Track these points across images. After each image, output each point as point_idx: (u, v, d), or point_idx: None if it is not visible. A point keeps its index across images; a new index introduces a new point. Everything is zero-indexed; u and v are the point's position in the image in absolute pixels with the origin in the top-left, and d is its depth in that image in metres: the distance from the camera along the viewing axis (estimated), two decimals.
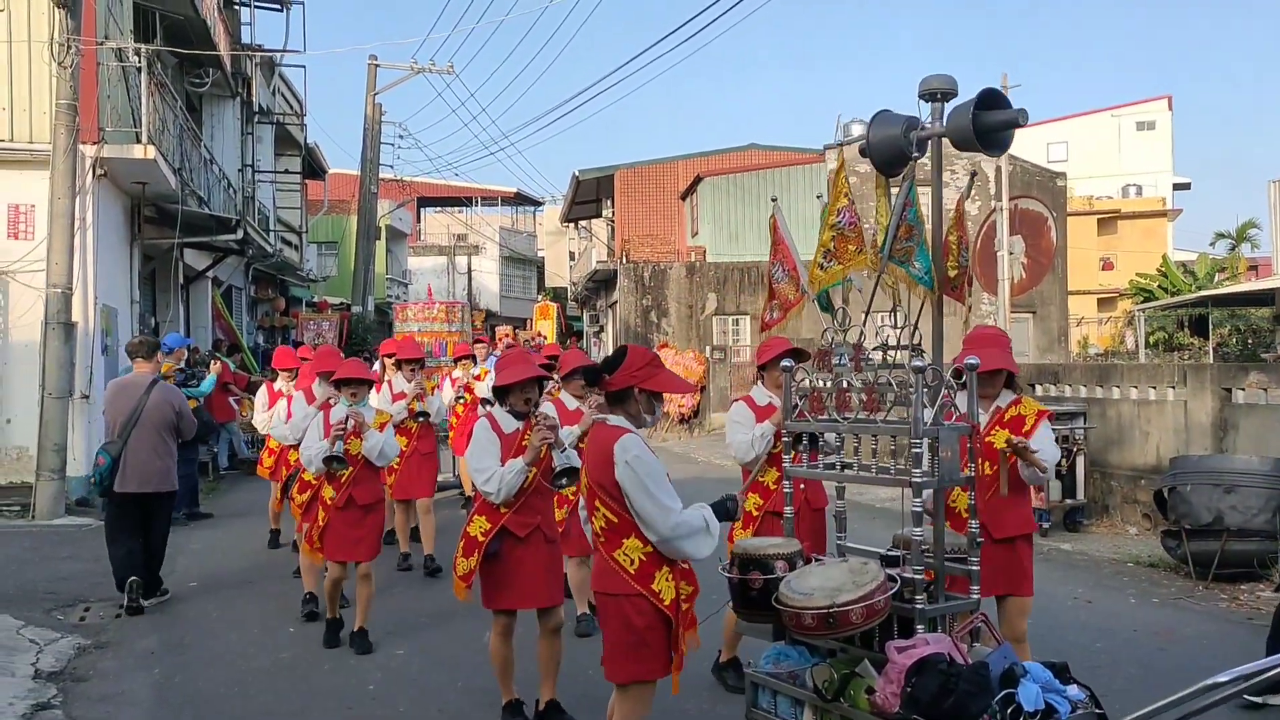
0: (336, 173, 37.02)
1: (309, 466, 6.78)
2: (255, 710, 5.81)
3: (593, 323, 38.62)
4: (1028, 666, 3.65)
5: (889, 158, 4.37)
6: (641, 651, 3.99)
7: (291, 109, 27.48)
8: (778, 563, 4.18)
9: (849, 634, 3.91)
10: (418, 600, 8.19)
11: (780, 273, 5.13)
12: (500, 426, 5.32)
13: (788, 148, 33.69)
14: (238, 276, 22.53)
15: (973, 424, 4.24)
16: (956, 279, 4.54)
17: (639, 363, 4.08)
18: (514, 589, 5.27)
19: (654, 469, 3.94)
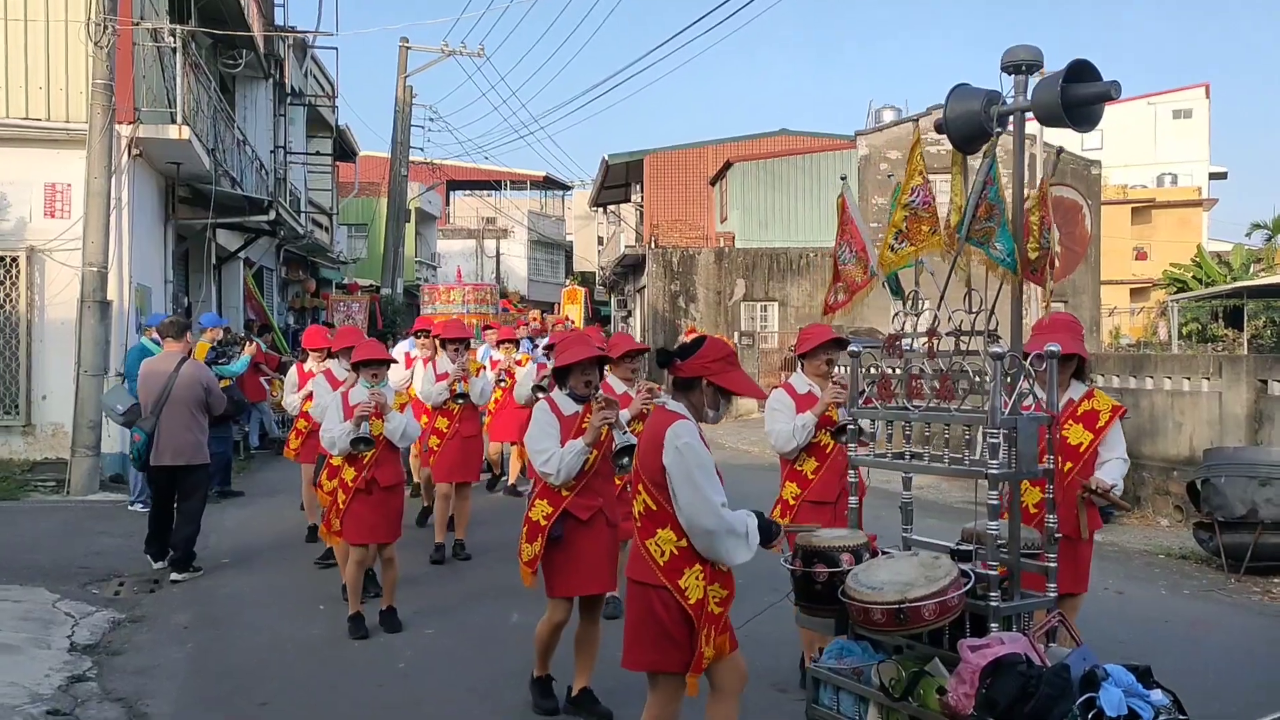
0: (367, 155, 37.16)
1: (331, 448, 6.70)
2: (287, 685, 5.88)
3: (620, 307, 38.63)
4: (1110, 669, 3.52)
5: (967, 134, 4.16)
6: (663, 643, 3.88)
7: (323, 91, 27.58)
8: (843, 555, 4.05)
9: (919, 631, 3.77)
10: (447, 581, 8.24)
11: (847, 254, 4.92)
12: (559, 409, 5.24)
13: (819, 133, 33.48)
14: (269, 258, 22.69)
15: (1052, 414, 4.09)
16: (1038, 261, 4.32)
17: (714, 355, 3.96)
18: (578, 574, 5.16)
19: (704, 459, 3.81)
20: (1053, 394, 4.11)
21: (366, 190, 35.95)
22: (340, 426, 6.58)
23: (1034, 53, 3.99)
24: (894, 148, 28.42)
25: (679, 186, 34.00)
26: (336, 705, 5.57)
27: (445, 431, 8.88)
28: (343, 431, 6.55)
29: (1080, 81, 3.83)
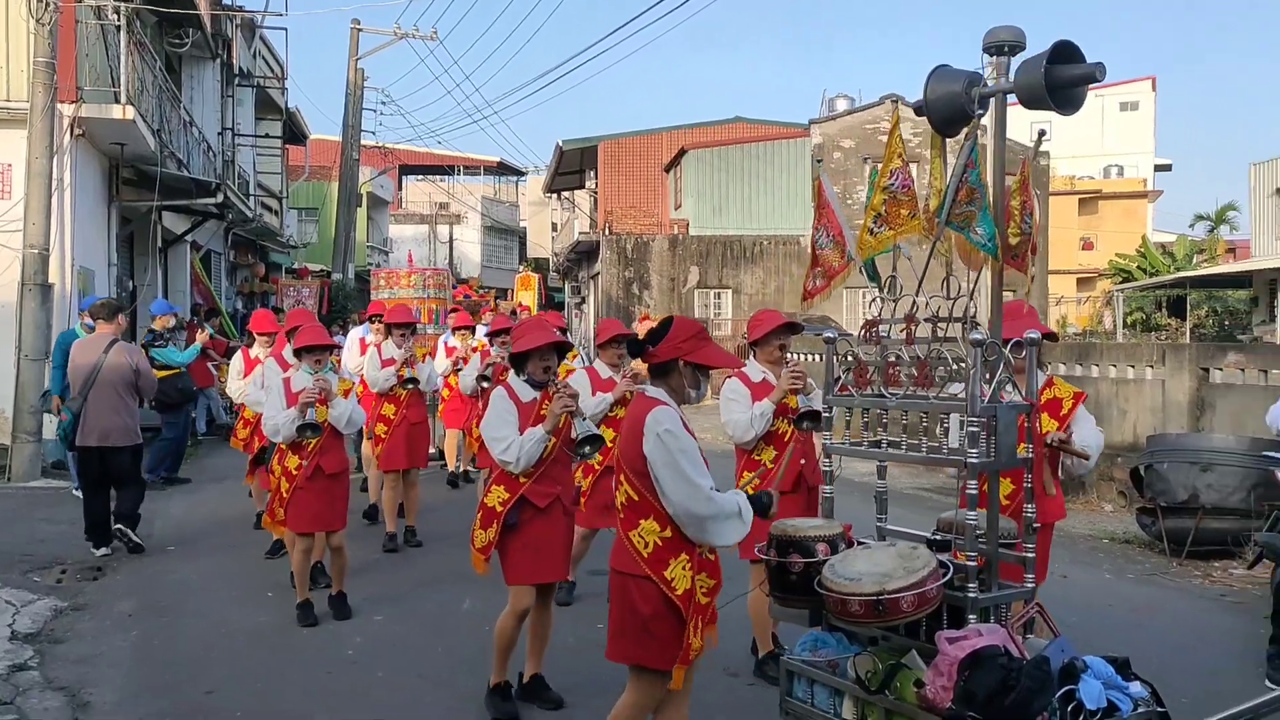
0: (318, 138, 36.66)
1: (274, 436, 6.56)
2: (234, 673, 5.80)
3: (574, 294, 38.54)
4: (1089, 661, 3.47)
5: (948, 115, 4.04)
6: (644, 638, 3.79)
7: (272, 72, 27.15)
8: (819, 545, 3.96)
9: (898, 623, 3.70)
10: (398, 568, 8.18)
11: (825, 238, 4.77)
12: (517, 395, 5.14)
13: (773, 121, 33.58)
14: (217, 241, 22.33)
15: (1031, 401, 4.01)
16: (1019, 247, 4.23)
17: (684, 334, 3.89)
18: (536, 562, 5.11)
19: (687, 444, 3.73)
20: (1031, 381, 4.06)
21: (317, 174, 35.49)
22: (284, 414, 6.44)
23: (1016, 33, 3.91)
24: (847, 136, 28.59)
25: (633, 173, 33.97)
26: (284, 693, 5.51)
27: (393, 418, 8.75)
28: (287, 419, 6.42)
29: (1064, 63, 3.74)
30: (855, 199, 28.54)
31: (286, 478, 6.57)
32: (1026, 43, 3.93)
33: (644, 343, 3.94)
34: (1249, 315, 29.54)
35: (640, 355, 3.96)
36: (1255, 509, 8.34)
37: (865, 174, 28.49)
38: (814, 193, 4.92)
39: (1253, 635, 6.28)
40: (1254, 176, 30.46)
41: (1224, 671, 5.81)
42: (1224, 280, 29.67)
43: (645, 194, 33.53)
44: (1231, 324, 30.19)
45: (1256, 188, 30.35)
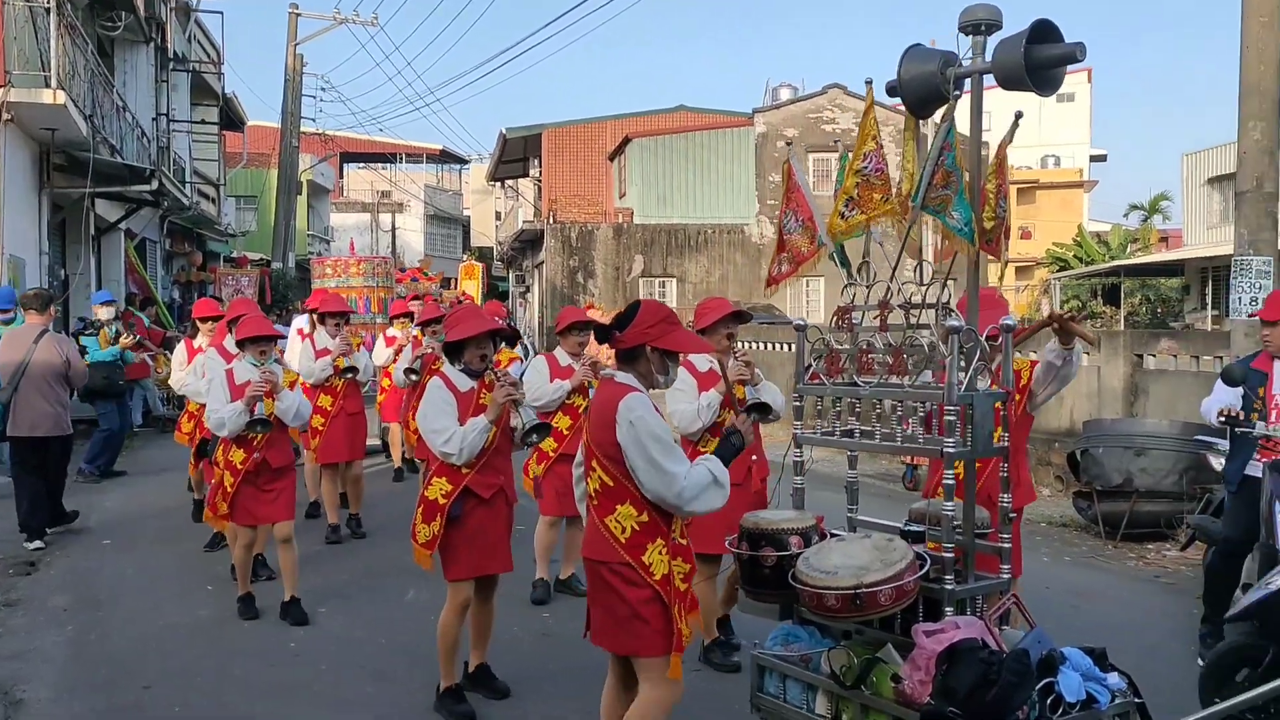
0: (256, 125, 36.05)
1: (219, 430, 6.31)
2: (173, 668, 5.70)
3: (518, 283, 38.39)
4: (1067, 653, 3.44)
5: (922, 96, 3.94)
6: (636, 625, 3.70)
7: (208, 57, 26.62)
8: (792, 538, 3.88)
9: (875, 616, 3.63)
10: (341, 559, 8.08)
11: (793, 223, 4.61)
12: (455, 384, 5.00)
13: (717, 110, 33.66)
14: (152, 229, 21.86)
15: (1007, 389, 3.95)
16: (993, 231, 4.12)
17: (651, 319, 3.80)
18: (479, 555, 5.01)
19: (658, 430, 3.65)
20: (1008, 367, 4.01)
21: (256, 161, 34.90)
22: (229, 408, 6.21)
23: (993, 12, 3.81)
24: (791, 125, 28.74)
25: (578, 161, 33.86)
26: (224, 688, 5.42)
27: (330, 409, 8.56)
28: (233, 413, 6.19)
29: (1043, 43, 3.66)
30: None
31: (230, 471, 6.37)
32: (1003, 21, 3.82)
33: (611, 328, 3.86)
34: (1181, 303, 30.25)
35: (608, 341, 3.87)
36: (1187, 492, 8.55)
37: (808, 164, 28.70)
38: (783, 176, 4.76)
39: (1186, 615, 6.44)
40: (1186, 167, 31.17)
41: (1160, 651, 5.94)
42: (1157, 269, 30.36)
43: (590, 182, 33.45)
44: (1164, 312, 30.89)
45: (1189, 178, 31.07)
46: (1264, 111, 8.58)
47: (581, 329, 6.59)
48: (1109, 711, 3.44)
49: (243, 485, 6.35)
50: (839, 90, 28.78)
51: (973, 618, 3.64)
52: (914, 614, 3.69)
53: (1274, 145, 8.68)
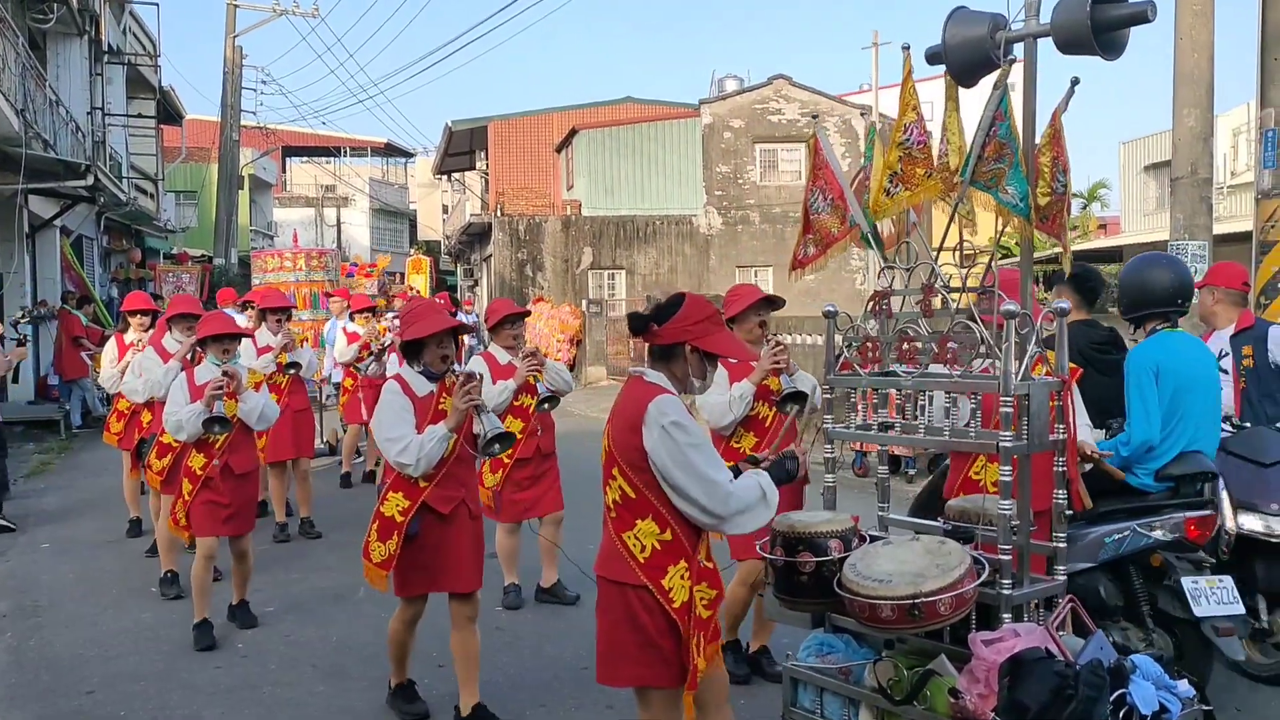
0: (195, 119, 35.35)
1: (177, 433, 5.93)
2: (116, 673, 5.58)
3: (466, 276, 38.11)
4: (1137, 660, 3.24)
5: (969, 63, 3.61)
6: (649, 654, 3.31)
7: (144, 49, 26.03)
8: (831, 541, 3.57)
9: (935, 627, 3.33)
10: (287, 558, 7.97)
11: (821, 202, 4.24)
12: (412, 389, 4.62)
13: (664, 101, 33.63)
14: (89, 226, 21.38)
15: (1064, 379, 3.63)
16: (1050, 207, 3.78)
17: (697, 315, 3.40)
18: (434, 572, 4.66)
19: (697, 437, 3.28)
20: (1062, 356, 3.65)
21: (195, 156, 34.24)
22: (187, 409, 5.85)
23: None
24: (737, 116, 28.80)
25: (525, 154, 33.65)
26: (170, 691, 5.32)
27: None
28: (191, 414, 5.82)
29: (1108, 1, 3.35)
30: (745, 178, 28.84)
31: (190, 479, 5.99)
32: None
33: (648, 319, 3.45)
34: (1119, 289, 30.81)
35: (641, 333, 3.46)
36: None
37: (755, 154, 28.82)
38: (810, 152, 4.40)
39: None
40: (1124, 154, 31.75)
41: None
42: (1096, 255, 30.82)
43: (537, 175, 33.27)
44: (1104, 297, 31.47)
45: (1127, 165, 31.65)
46: (1198, 99, 8.76)
47: (515, 321, 6.35)
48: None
49: (202, 493, 5.96)
50: (784, 81, 28.89)
51: (1032, 625, 3.38)
52: (965, 621, 3.42)
53: (1208, 132, 8.86)
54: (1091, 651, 3.19)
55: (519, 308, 6.52)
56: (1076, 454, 3.71)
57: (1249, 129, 22.71)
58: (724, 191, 28.86)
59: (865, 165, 4.25)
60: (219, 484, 5.98)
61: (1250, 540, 5.22)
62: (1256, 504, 5.21)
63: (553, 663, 5.61)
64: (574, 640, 5.86)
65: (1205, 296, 5.81)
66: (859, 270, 27.47)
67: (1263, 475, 5.26)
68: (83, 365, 14.44)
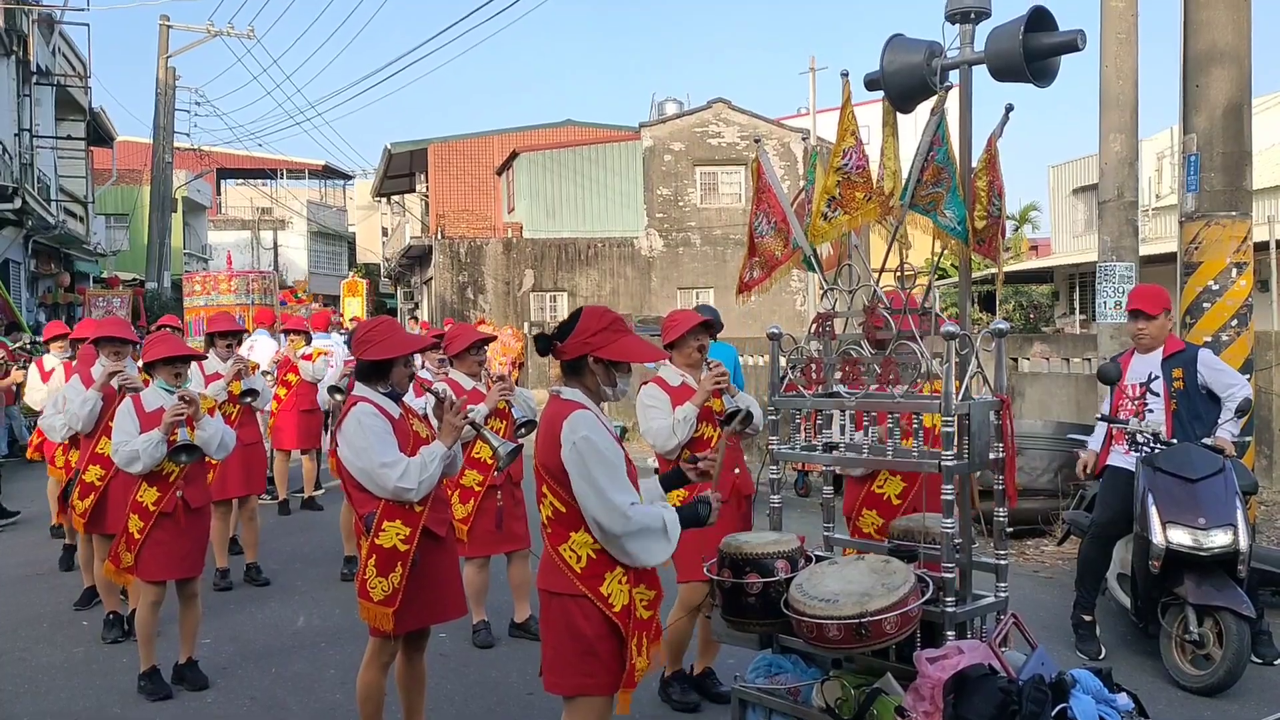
0: (126, 140, 34.78)
1: (130, 465, 5.38)
2: (47, 710, 5.41)
3: (407, 299, 37.82)
4: (1077, 675, 3.29)
5: (907, 89, 3.70)
6: (589, 662, 3.38)
7: (74, 70, 25.56)
8: (778, 562, 3.59)
9: (881, 646, 3.37)
10: (227, 599, 7.79)
11: (765, 225, 4.26)
12: (389, 412, 4.36)
13: (604, 124, 33.79)
14: (15, 250, 20.87)
15: (1003, 397, 3.69)
16: (985, 231, 3.85)
17: (594, 327, 3.45)
18: (429, 602, 4.41)
19: (604, 453, 3.32)
20: (1000, 374, 3.73)
21: (127, 178, 33.65)
22: (143, 438, 5.37)
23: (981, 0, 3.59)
24: (677, 139, 29.03)
25: (465, 176, 33.58)
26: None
27: None
28: (149, 443, 5.34)
29: (1039, 30, 3.46)
30: (686, 200, 29.03)
31: (140, 515, 5.46)
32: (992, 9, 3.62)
33: (552, 339, 3.51)
34: (1051, 308, 31.47)
35: (549, 352, 3.53)
36: (1063, 489, 8.86)
37: (695, 177, 29.04)
38: (753, 175, 4.40)
39: (1064, 609, 6.66)
40: (1053, 178, 32.51)
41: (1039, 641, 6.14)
42: (1028, 276, 31.50)
43: (478, 197, 33.19)
44: (1036, 317, 32.10)
45: (1056, 188, 32.41)
46: (1123, 124, 9.00)
47: (479, 348, 6.21)
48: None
49: (155, 531, 5.44)
50: (724, 105, 29.21)
51: (975, 641, 3.45)
52: (910, 639, 3.46)
53: (1134, 156, 9.11)
54: (1033, 667, 3.26)
55: (481, 334, 6.35)
56: (1015, 472, 3.80)
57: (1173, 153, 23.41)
58: (665, 214, 29.04)
59: (807, 188, 4.29)
60: (175, 520, 5.50)
61: (1179, 554, 5.35)
62: (1185, 520, 5.34)
63: (497, 688, 5.55)
64: (519, 663, 5.81)
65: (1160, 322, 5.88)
66: (799, 291, 27.75)
67: (1191, 490, 5.40)
68: (9, 393, 14.03)
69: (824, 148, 24.05)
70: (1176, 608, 5.48)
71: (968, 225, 3.73)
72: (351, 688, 4.58)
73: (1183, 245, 7.84)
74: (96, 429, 6.50)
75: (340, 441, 4.36)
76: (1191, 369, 5.77)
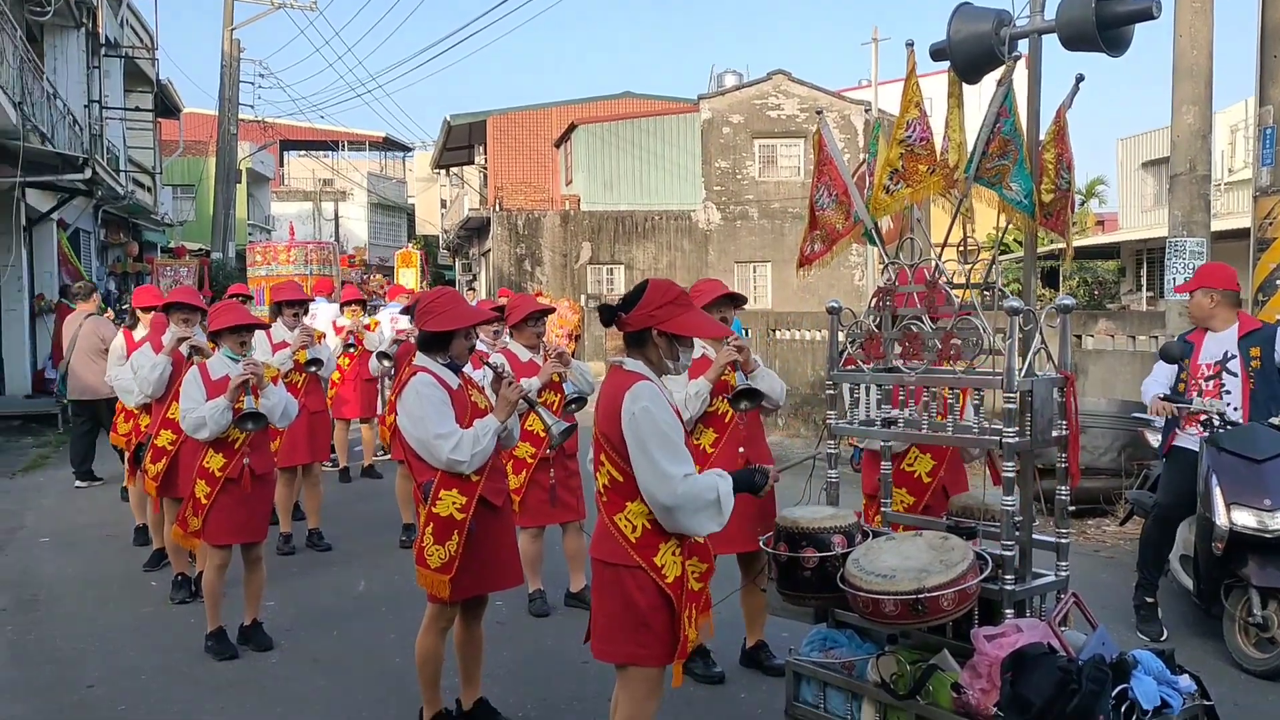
0: (192, 112, 35.32)
1: (198, 432, 5.50)
2: (117, 667, 5.59)
3: (465, 271, 38.10)
4: (1139, 655, 3.26)
5: (974, 59, 3.63)
6: (642, 633, 3.41)
7: (141, 42, 26.02)
8: (835, 537, 3.61)
9: (937, 623, 3.37)
10: (290, 565, 7.94)
11: (826, 197, 4.20)
12: (447, 382, 4.40)
13: (663, 96, 33.63)
14: (86, 219, 21.35)
15: (1067, 374, 3.64)
16: (1053, 204, 3.79)
17: (659, 300, 3.46)
18: (486, 571, 4.46)
19: (661, 425, 3.34)
20: (1065, 350, 3.66)
21: (193, 149, 34.22)
22: (210, 404, 5.49)
23: None
24: (736, 112, 28.79)
25: (523, 148, 33.65)
26: (170, 686, 5.33)
27: None
28: (215, 409, 5.46)
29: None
30: (744, 173, 28.83)
31: (207, 480, 5.60)
32: None
33: (616, 310, 3.53)
34: (1117, 285, 30.84)
35: (612, 323, 3.56)
36: (1125, 468, 8.73)
37: (753, 150, 28.82)
38: (814, 146, 4.33)
39: (1125, 589, 6.57)
40: (1122, 151, 31.75)
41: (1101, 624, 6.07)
42: (1094, 252, 30.87)
43: (536, 169, 33.27)
44: (1101, 294, 31.48)
45: (1125, 162, 31.65)
46: (1197, 96, 8.76)
47: (538, 319, 6.19)
48: (1180, 716, 3.27)
49: (221, 497, 5.59)
50: (783, 76, 28.89)
51: (1035, 620, 3.42)
52: (967, 616, 3.45)
53: (1207, 129, 8.87)
54: (1094, 647, 3.22)
55: (541, 305, 6.30)
56: (1078, 450, 3.74)
57: (1247, 125, 22.75)
58: (723, 187, 28.86)
59: (870, 160, 4.25)
60: (240, 487, 5.63)
61: (1243, 536, 5.25)
62: (1249, 500, 5.23)
63: (552, 657, 5.62)
64: (574, 632, 5.85)
65: (1203, 299, 5.81)
66: (857, 266, 27.48)
67: (1256, 471, 5.29)
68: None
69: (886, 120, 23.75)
70: (1240, 590, 5.38)
71: (1034, 199, 3.65)
72: (411, 652, 4.68)
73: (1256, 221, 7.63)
74: (167, 394, 6.66)
75: (399, 410, 4.43)
76: (1270, 347, 5.65)
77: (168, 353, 6.73)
